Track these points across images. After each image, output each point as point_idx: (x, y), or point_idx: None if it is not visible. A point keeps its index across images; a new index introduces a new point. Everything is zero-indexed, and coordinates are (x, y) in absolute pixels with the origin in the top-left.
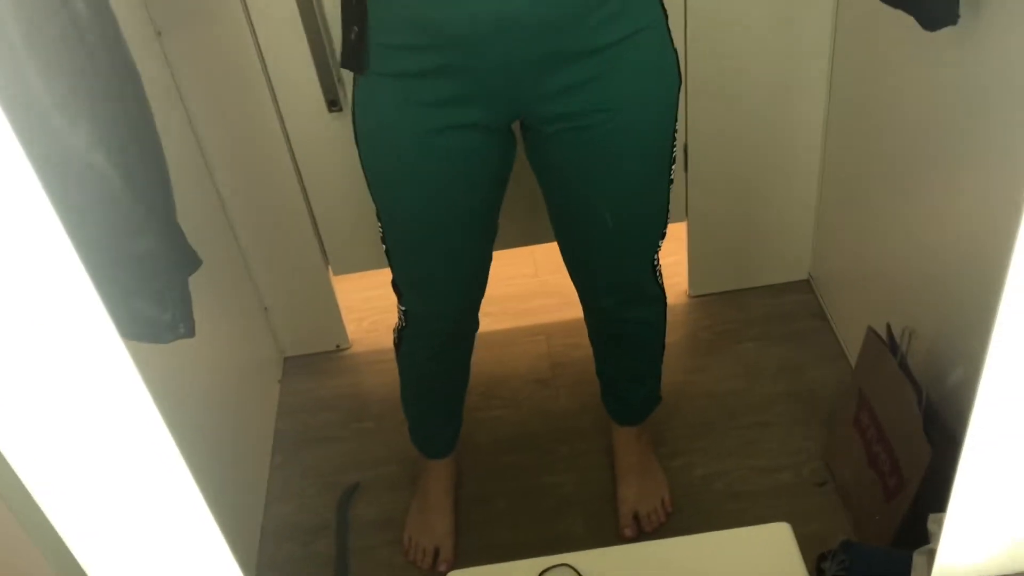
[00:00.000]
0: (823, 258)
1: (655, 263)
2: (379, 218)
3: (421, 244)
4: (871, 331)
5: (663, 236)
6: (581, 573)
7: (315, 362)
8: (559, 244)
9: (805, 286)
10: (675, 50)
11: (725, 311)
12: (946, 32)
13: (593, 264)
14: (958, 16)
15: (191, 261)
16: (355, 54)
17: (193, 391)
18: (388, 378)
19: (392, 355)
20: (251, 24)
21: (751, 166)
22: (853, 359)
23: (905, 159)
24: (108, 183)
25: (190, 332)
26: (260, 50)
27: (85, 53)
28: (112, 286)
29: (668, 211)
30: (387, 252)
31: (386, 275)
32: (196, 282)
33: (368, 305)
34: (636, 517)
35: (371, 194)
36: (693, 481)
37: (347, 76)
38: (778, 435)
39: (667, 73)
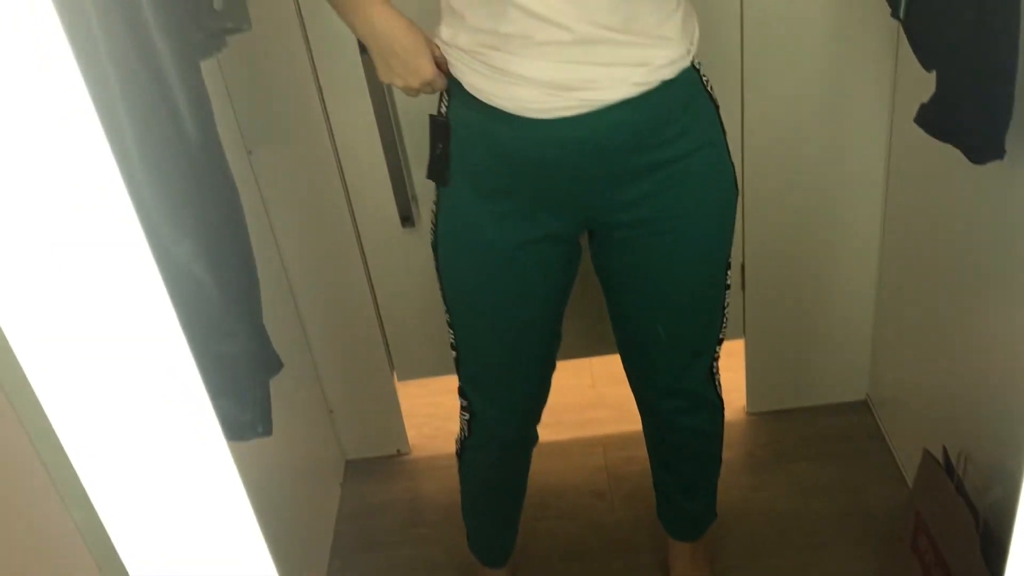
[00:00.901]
0: (880, 379)
1: (714, 370)
2: (450, 325)
3: (490, 348)
4: (927, 454)
5: (720, 342)
6: None
7: (376, 466)
8: (620, 349)
9: (863, 406)
10: (732, 163)
11: (782, 429)
12: (994, 164)
13: (653, 367)
14: (1004, 151)
15: (274, 364)
16: (439, 168)
17: (256, 491)
18: (446, 484)
19: (450, 462)
20: (334, 145)
21: (808, 287)
22: (910, 480)
23: (958, 284)
24: (205, 290)
25: (268, 432)
26: (341, 168)
27: (193, 172)
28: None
29: (726, 316)
30: (456, 359)
31: (446, 383)
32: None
33: (428, 412)
34: None
35: (444, 299)
36: None
37: (421, 194)
38: (834, 556)
39: (726, 184)
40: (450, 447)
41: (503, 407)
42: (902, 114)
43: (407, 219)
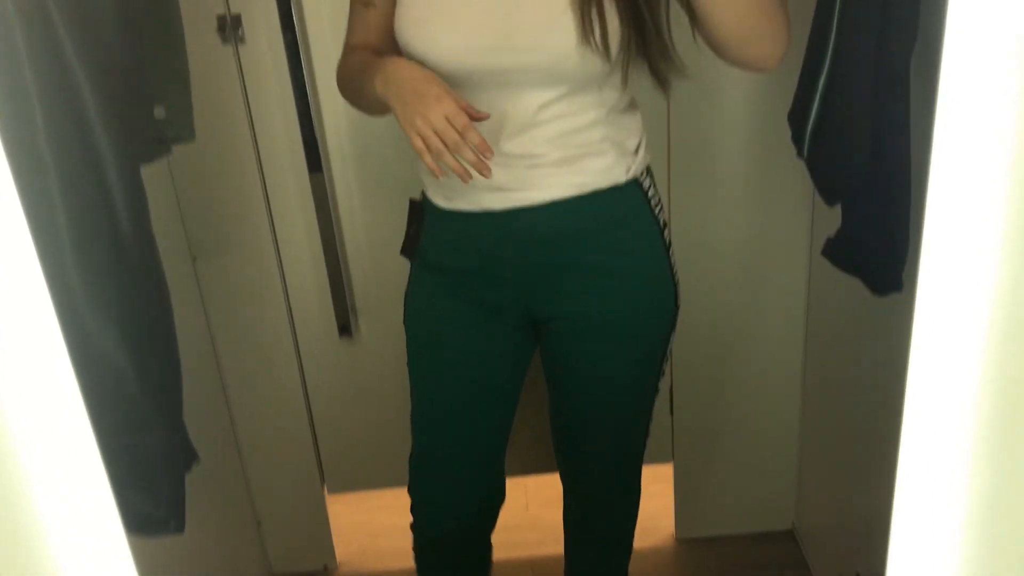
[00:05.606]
0: (805, 509)
1: (639, 461)
2: (413, 417)
3: (448, 416)
4: None
5: (647, 433)
6: None
7: None
8: (553, 439)
9: (789, 536)
10: (674, 281)
11: (710, 557)
12: (896, 296)
13: (584, 458)
14: (902, 284)
15: (190, 458)
16: (410, 246)
17: None
18: None
19: None
20: (278, 255)
21: (735, 414)
22: None
23: (875, 415)
24: (125, 382)
25: (180, 528)
26: (283, 277)
27: (123, 266)
28: (109, 476)
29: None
30: (414, 438)
31: (377, 498)
32: (195, 487)
33: (358, 529)
34: None
35: (410, 377)
36: None
37: (361, 305)
38: None
39: (665, 303)
40: (379, 563)
41: (457, 491)
42: (819, 247)
43: (345, 329)
